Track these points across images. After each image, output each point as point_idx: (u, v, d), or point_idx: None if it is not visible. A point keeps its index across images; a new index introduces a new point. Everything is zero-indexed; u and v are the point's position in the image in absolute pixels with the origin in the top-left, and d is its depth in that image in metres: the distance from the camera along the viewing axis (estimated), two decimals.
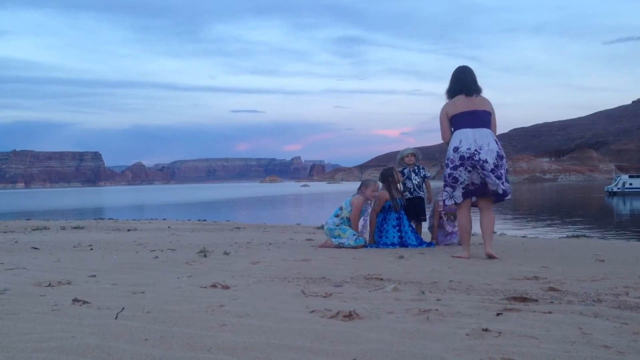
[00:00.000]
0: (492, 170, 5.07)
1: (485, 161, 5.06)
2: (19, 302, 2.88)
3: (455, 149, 5.20)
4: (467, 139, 5.15)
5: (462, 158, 5.13)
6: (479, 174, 5.10)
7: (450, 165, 5.25)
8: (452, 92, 5.40)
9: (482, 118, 5.24)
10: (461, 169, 5.17)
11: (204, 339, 2.11)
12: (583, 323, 2.35)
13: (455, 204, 5.36)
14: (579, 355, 1.90)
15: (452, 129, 5.34)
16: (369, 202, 6.48)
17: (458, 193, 5.27)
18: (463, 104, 5.26)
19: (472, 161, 5.07)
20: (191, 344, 2.06)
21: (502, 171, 5.16)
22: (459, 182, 5.22)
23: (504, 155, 5.22)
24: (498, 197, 5.23)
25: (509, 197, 5.23)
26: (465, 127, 5.20)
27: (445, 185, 5.34)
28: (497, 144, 5.17)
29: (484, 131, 5.19)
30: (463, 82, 5.34)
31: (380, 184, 6.57)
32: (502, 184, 5.13)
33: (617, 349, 1.97)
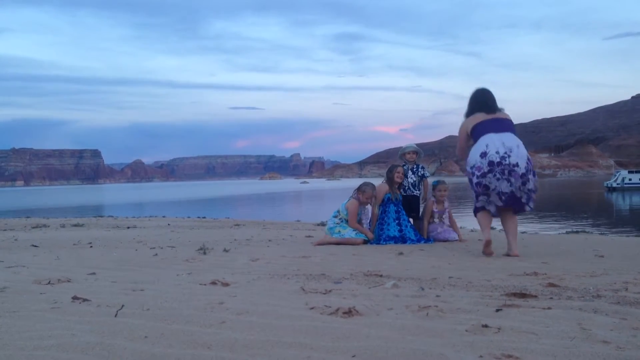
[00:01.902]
0: (523, 175, 4.70)
1: (517, 165, 4.67)
2: (18, 299, 2.88)
3: (483, 155, 4.78)
4: (493, 142, 4.78)
5: (491, 164, 4.72)
6: (508, 180, 4.70)
7: (478, 174, 4.80)
8: (470, 114, 5.13)
9: (506, 124, 4.98)
10: (490, 175, 4.74)
11: (203, 336, 2.11)
12: (582, 319, 2.36)
13: (479, 210, 4.94)
14: (578, 350, 1.90)
15: (473, 140, 5.01)
16: (365, 205, 6.55)
17: (495, 198, 4.80)
18: (484, 115, 5.00)
19: (502, 166, 4.68)
20: (191, 341, 2.06)
21: (530, 176, 4.77)
22: (491, 189, 4.78)
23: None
24: (521, 208, 4.86)
25: (530, 207, 4.86)
26: (490, 132, 4.86)
27: (477, 195, 4.89)
28: (526, 150, 4.81)
29: (511, 135, 4.86)
30: (482, 103, 5.09)
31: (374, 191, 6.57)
32: (528, 192, 4.77)
33: (616, 344, 1.98)
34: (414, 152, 7.02)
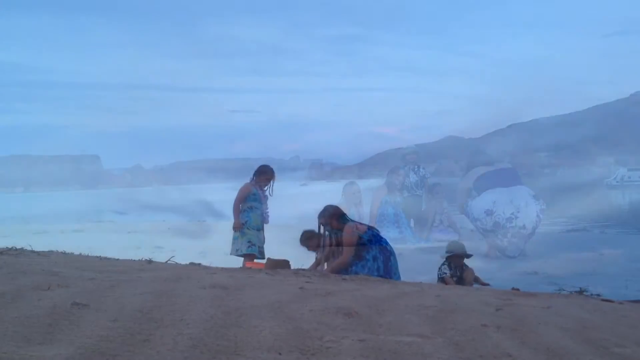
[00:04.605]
0: (529, 235, 4.56)
1: (523, 227, 4.53)
2: (16, 306, 2.87)
3: (488, 212, 4.58)
4: (501, 199, 4.54)
5: (496, 225, 4.54)
6: (510, 242, 4.56)
7: (480, 226, 4.66)
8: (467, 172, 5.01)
9: (510, 172, 4.76)
10: (491, 234, 4.60)
11: (204, 339, 2.10)
12: (582, 316, 2.35)
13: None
14: (579, 347, 1.90)
15: (476, 193, 4.86)
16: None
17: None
18: (484, 167, 4.85)
19: (506, 229, 4.49)
20: (191, 344, 2.05)
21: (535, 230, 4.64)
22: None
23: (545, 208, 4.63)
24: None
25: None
26: (497, 186, 4.63)
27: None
28: (537, 200, 4.61)
29: (520, 189, 4.63)
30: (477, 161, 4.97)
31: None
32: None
33: (615, 341, 1.97)
34: (414, 152, 7.30)
